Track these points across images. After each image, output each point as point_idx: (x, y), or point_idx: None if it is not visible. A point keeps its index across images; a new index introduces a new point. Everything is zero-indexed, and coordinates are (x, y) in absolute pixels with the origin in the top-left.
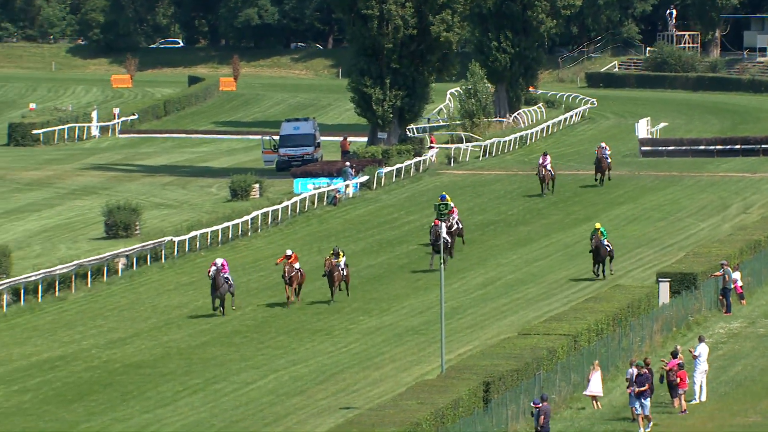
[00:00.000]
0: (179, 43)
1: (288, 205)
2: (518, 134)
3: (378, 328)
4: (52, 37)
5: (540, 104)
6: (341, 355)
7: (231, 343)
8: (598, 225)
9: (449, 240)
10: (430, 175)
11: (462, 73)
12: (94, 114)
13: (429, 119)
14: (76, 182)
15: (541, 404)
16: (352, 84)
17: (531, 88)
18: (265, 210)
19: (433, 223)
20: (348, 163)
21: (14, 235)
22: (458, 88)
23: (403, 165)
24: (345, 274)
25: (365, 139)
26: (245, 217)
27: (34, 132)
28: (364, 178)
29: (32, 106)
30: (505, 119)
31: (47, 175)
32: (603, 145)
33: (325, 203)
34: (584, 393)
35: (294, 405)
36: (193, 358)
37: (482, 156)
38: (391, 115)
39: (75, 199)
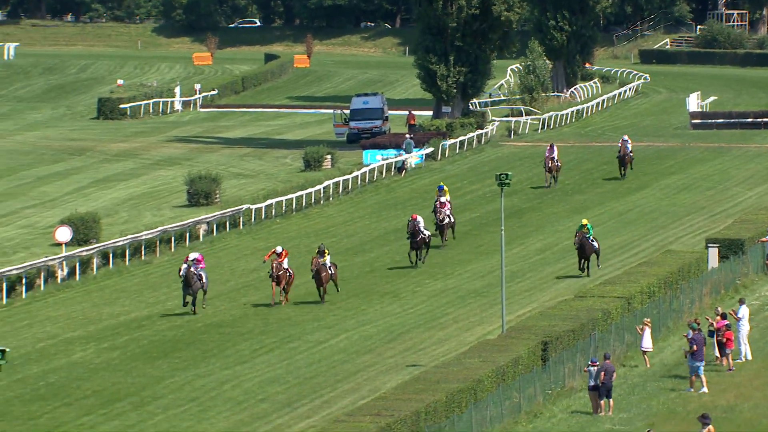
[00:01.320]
0: (256, 23)
1: (358, 175)
2: (575, 108)
3: (442, 291)
4: (138, 17)
5: (595, 80)
6: (408, 316)
7: (303, 306)
8: (585, 221)
9: (428, 234)
10: (492, 146)
11: (522, 50)
12: (177, 89)
13: (490, 94)
14: (160, 153)
15: (599, 362)
16: (418, 61)
17: (587, 65)
18: (336, 180)
19: (410, 218)
20: (408, 136)
21: (103, 203)
22: (518, 65)
23: (465, 137)
24: (333, 272)
25: (430, 113)
26: (318, 187)
27: (122, 106)
28: (429, 149)
29: (120, 82)
30: (562, 94)
31: (133, 147)
32: (626, 138)
33: (392, 173)
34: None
35: (363, 362)
36: (269, 319)
37: (540, 129)
38: (455, 90)
39: (159, 169)
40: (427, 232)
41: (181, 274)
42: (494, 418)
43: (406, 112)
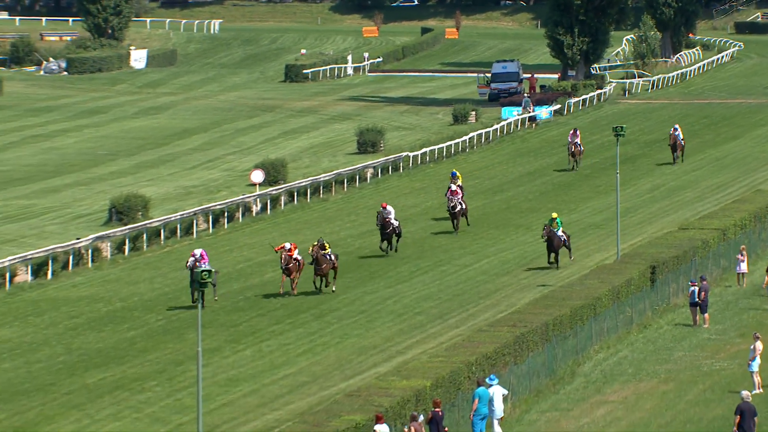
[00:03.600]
0: (414, 2)
1: (497, 128)
2: (679, 71)
3: (567, 224)
4: None
5: (697, 47)
6: (539, 245)
7: (452, 235)
8: (554, 215)
9: (398, 226)
10: (609, 104)
11: (635, 23)
12: (349, 57)
13: (608, 60)
14: (335, 110)
15: (698, 283)
16: (548, 33)
17: (690, 35)
18: (479, 131)
19: (381, 206)
20: (526, 95)
21: (289, 150)
22: (632, 35)
23: (587, 96)
24: (334, 261)
25: (557, 76)
26: (464, 137)
27: (304, 71)
28: (557, 106)
29: (303, 51)
30: (669, 59)
31: (313, 105)
32: (676, 126)
33: (525, 126)
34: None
35: (502, 282)
36: (424, 246)
37: (650, 89)
38: (579, 57)
39: (334, 123)
40: (396, 222)
41: (188, 266)
42: (610, 329)
43: (532, 76)
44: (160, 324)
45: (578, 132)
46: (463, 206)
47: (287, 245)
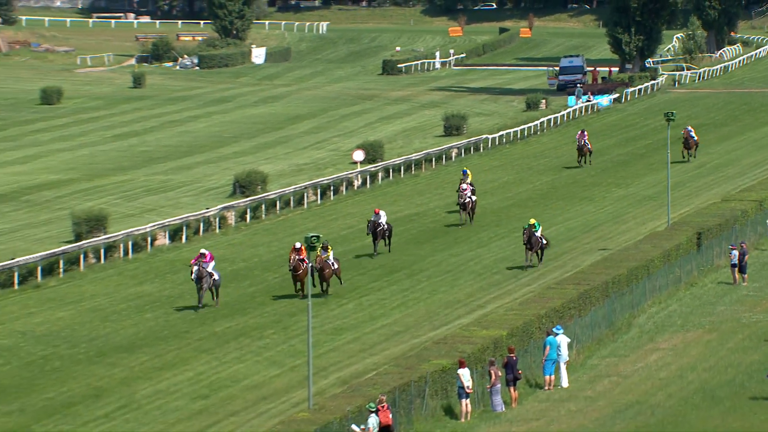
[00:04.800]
0: (493, 6)
1: (564, 114)
2: (722, 65)
3: (624, 196)
4: (411, 3)
5: (738, 44)
6: (600, 214)
7: (525, 206)
8: (532, 221)
9: (389, 227)
10: (661, 93)
11: (684, 23)
12: (436, 53)
13: (661, 55)
14: (425, 98)
15: (739, 247)
16: (608, 32)
17: (732, 33)
18: (548, 117)
19: (374, 212)
20: (579, 85)
21: (385, 133)
22: (681, 34)
23: (642, 86)
24: (336, 267)
25: (617, 68)
26: (535, 122)
27: (399, 66)
28: (616, 95)
29: (398, 48)
30: (713, 54)
31: (406, 94)
32: (689, 128)
33: (589, 112)
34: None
35: (568, 246)
36: (500, 216)
37: (697, 80)
38: (635, 53)
39: (424, 110)
40: (386, 226)
41: (192, 277)
42: (662, 287)
43: (594, 69)
44: (276, 281)
45: (585, 133)
46: (473, 199)
47: (297, 245)
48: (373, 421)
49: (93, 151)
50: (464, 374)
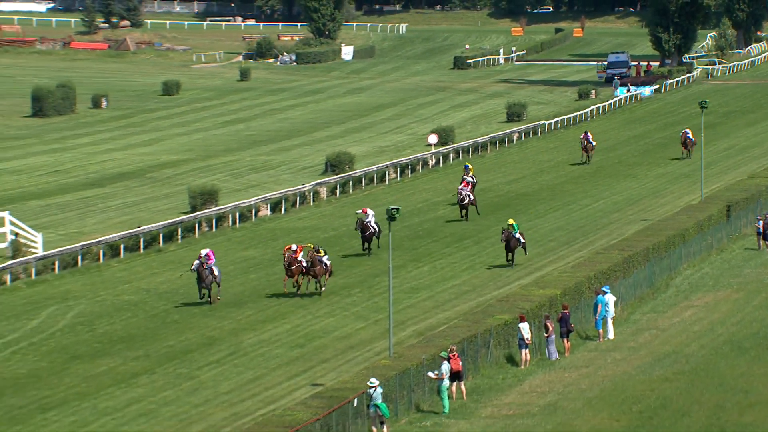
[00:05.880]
0: (550, 9)
1: (611, 103)
2: (750, 60)
3: (663, 174)
4: (478, 6)
5: (763, 41)
6: (641, 189)
7: (577, 182)
8: (511, 221)
9: (378, 229)
10: (696, 84)
11: (716, 23)
12: (501, 50)
13: (696, 51)
14: (490, 90)
15: (764, 218)
16: (650, 31)
17: (759, 32)
18: (598, 105)
19: (361, 211)
20: (616, 78)
21: (456, 120)
22: (714, 33)
23: (679, 78)
24: (328, 265)
25: (657, 63)
26: (586, 110)
27: (468, 61)
28: (657, 86)
29: (467, 46)
30: (742, 51)
31: (474, 86)
32: (687, 130)
33: (633, 101)
34: None
35: (614, 218)
36: (555, 191)
37: (727, 73)
38: (673, 49)
39: (489, 99)
40: (376, 227)
41: (192, 269)
42: (695, 252)
43: (638, 64)
44: (359, 246)
45: (589, 133)
46: (471, 197)
47: (293, 246)
48: (445, 367)
49: (206, 135)
50: (524, 327)
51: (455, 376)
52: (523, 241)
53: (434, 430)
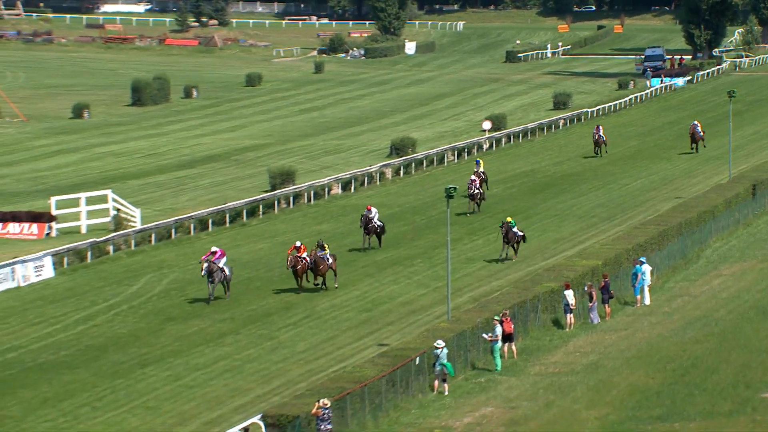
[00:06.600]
0: (593, 8)
1: (648, 92)
2: None
3: (695, 156)
4: (528, 5)
5: None
6: (675, 170)
7: (617, 164)
8: (509, 219)
9: (382, 225)
10: (725, 75)
11: (744, 20)
12: (548, 45)
13: (725, 46)
14: (538, 81)
15: None
16: (683, 28)
17: None
18: (636, 95)
19: (366, 209)
20: (649, 69)
21: (507, 108)
22: (741, 29)
23: (710, 70)
24: (330, 263)
25: (689, 57)
26: (625, 98)
27: (518, 55)
28: (689, 77)
29: (518, 42)
30: (767, 45)
31: (524, 77)
32: (696, 122)
33: (667, 90)
34: None
35: (650, 195)
36: (597, 172)
37: (754, 65)
38: (704, 44)
39: (538, 90)
40: (380, 223)
41: (203, 274)
42: (724, 227)
43: (672, 57)
44: (423, 222)
45: (600, 127)
46: (481, 192)
47: (298, 243)
48: (498, 330)
49: (284, 122)
50: (569, 294)
51: (507, 337)
52: (520, 234)
53: (488, 386)
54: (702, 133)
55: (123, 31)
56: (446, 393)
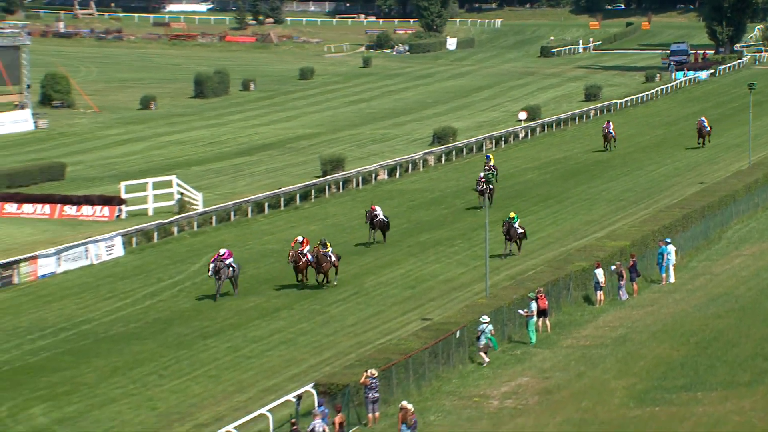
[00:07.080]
0: (622, 6)
1: (673, 85)
2: None
3: (717, 144)
4: (561, 4)
5: None
6: (698, 157)
7: (644, 152)
8: (512, 214)
9: (387, 220)
10: (745, 69)
11: (763, 17)
12: (580, 41)
13: (745, 41)
14: (571, 74)
15: None
16: (706, 24)
17: None
18: (662, 87)
19: (370, 208)
20: (673, 63)
21: (542, 100)
22: (761, 25)
23: (731, 64)
24: (333, 260)
25: (712, 51)
26: (652, 90)
27: (552, 50)
28: (712, 71)
29: (551, 38)
30: None
31: (557, 71)
32: (703, 119)
33: (691, 83)
34: None
35: (674, 181)
36: (626, 159)
37: None
38: (726, 40)
39: (570, 82)
40: (385, 219)
41: (210, 274)
42: (744, 210)
43: (696, 52)
44: (462, 205)
45: (611, 123)
46: (491, 187)
47: (300, 238)
48: (533, 305)
49: (335, 112)
50: (599, 273)
51: (541, 313)
52: (521, 231)
53: (523, 358)
54: (709, 128)
55: (186, 28)
56: (484, 364)
